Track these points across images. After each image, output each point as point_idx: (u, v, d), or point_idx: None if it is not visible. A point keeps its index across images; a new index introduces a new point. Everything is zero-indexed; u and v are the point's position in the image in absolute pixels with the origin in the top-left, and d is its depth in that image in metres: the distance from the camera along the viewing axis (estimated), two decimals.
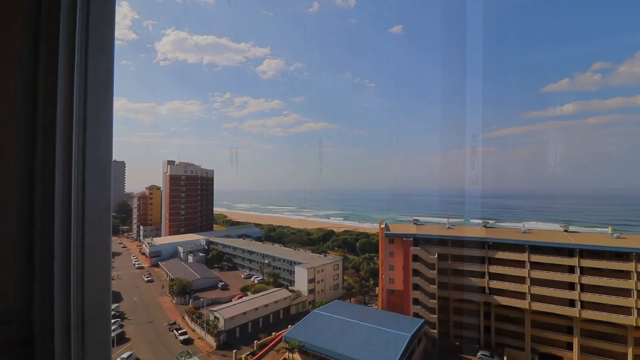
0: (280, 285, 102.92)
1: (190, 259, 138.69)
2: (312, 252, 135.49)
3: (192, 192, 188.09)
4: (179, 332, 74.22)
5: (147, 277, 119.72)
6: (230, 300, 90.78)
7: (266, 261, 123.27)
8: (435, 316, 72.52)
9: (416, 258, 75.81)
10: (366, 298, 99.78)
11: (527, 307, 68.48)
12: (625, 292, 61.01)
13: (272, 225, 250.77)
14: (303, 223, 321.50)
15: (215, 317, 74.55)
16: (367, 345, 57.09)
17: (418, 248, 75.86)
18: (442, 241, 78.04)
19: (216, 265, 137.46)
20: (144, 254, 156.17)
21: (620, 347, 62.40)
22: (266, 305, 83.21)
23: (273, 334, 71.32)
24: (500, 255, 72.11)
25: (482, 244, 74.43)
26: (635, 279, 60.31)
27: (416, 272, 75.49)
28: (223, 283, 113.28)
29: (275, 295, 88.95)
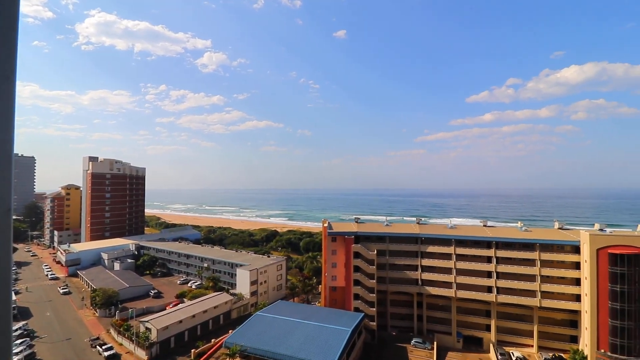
0: (221, 289, 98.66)
1: (117, 266, 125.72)
2: (255, 253, 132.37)
3: (119, 192, 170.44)
4: (104, 347, 66.69)
5: (63, 288, 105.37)
6: (164, 309, 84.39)
7: (205, 265, 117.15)
8: (374, 309, 76.05)
9: (357, 255, 78.66)
10: (309, 296, 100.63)
11: (454, 295, 75.52)
12: (531, 278, 70.78)
13: (212, 226, 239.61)
14: (245, 224, 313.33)
15: (147, 328, 68.59)
16: (309, 343, 57.53)
17: (359, 245, 78.78)
18: (380, 238, 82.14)
19: (148, 272, 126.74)
20: (59, 262, 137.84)
21: (528, 326, 72.33)
22: (205, 311, 79.05)
23: (212, 340, 68.01)
24: (431, 249, 78.36)
25: (416, 239, 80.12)
26: (539, 265, 70.27)
27: (357, 269, 78.31)
28: (156, 291, 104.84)
29: (215, 300, 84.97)
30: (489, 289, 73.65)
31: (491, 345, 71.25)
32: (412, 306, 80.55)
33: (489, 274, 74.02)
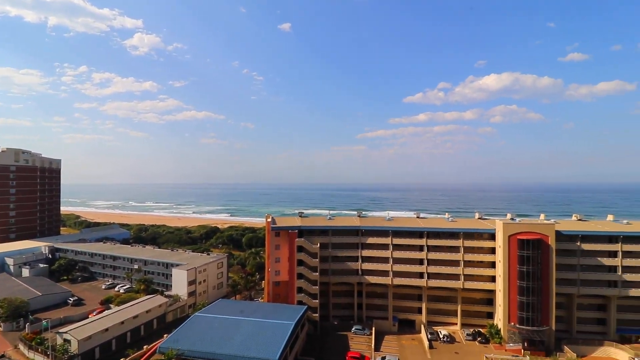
0: (154, 292, 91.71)
1: (26, 272, 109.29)
2: (193, 251, 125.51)
3: (27, 187, 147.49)
4: None
5: None
6: (87, 317, 75.77)
7: (135, 266, 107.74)
8: (317, 301, 77.67)
9: (301, 249, 79.30)
10: (252, 293, 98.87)
11: (390, 283, 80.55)
12: (456, 263, 78.58)
13: (144, 224, 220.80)
14: (182, 220, 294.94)
15: (65, 340, 60.95)
16: (252, 340, 56.62)
17: (302, 239, 79.44)
18: (324, 231, 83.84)
19: (66, 278, 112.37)
20: None
21: (453, 306, 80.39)
22: (135, 317, 72.82)
23: (145, 347, 62.99)
24: (370, 240, 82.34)
25: (356, 231, 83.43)
26: (462, 252, 78.27)
27: (300, 262, 78.99)
28: (76, 298, 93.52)
29: (147, 304, 78.72)
30: (420, 275, 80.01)
31: (422, 326, 77.72)
32: (352, 295, 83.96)
33: (420, 261, 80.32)
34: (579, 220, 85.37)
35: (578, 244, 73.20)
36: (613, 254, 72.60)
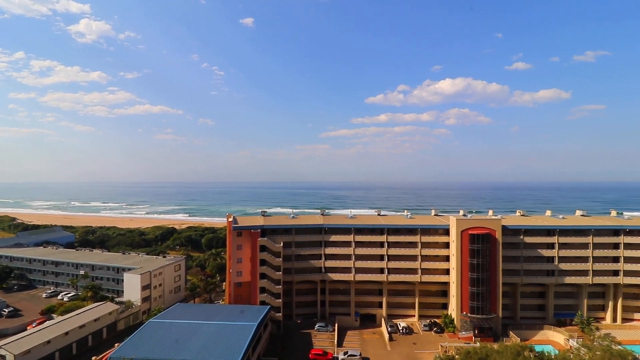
0: (103, 299, 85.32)
1: None
2: (147, 254, 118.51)
3: None
4: None
5: None
6: (25, 329, 68.64)
7: (82, 272, 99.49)
8: (280, 300, 77.12)
9: (263, 248, 78.15)
10: (212, 295, 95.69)
11: (352, 279, 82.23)
12: (414, 258, 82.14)
13: (91, 226, 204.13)
14: (135, 222, 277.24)
15: (0, 356, 54.68)
16: (212, 344, 54.77)
17: (265, 239, 78.34)
18: (287, 230, 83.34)
19: None
20: None
21: (411, 299, 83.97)
22: (82, 326, 67.26)
23: (93, 358, 58.40)
24: (334, 238, 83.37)
25: (320, 229, 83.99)
26: (420, 247, 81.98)
27: (263, 262, 77.87)
28: (11, 308, 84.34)
29: (95, 312, 73.05)
30: (381, 271, 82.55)
31: (382, 319, 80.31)
32: (316, 293, 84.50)
33: (381, 257, 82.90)
34: (522, 215, 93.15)
35: (521, 237, 79.89)
36: (551, 246, 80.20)
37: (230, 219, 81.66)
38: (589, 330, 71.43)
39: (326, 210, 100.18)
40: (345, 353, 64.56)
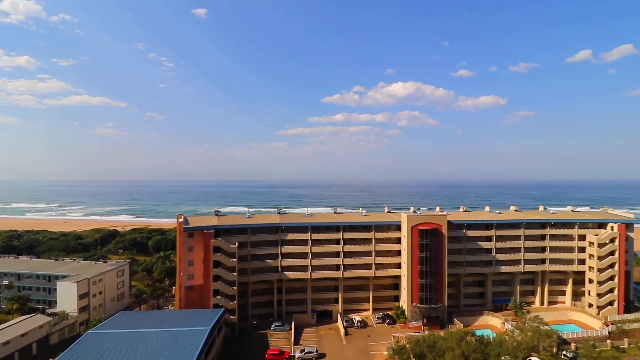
0: (33, 311, 76.23)
1: None
2: (85, 260, 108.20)
3: None
4: None
5: None
6: None
7: (5, 282, 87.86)
8: (235, 302, 75.00)
9: (217, 249, 75.33)
10: (161, 301, 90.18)
11: (309, 277, 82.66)
12: (369, 253, 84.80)
13: (16, 230, 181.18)
14: (70, 224, 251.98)
15: None
16: (161, 353, 51.57)
17: (219, 239, 75.55)
18: (242, 230, 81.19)
19: None
20: None
21: (366, 293, 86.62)
22: (7, 343, 59.51)
23: None
24: (290, 236, 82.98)
25: (276, 228, 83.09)
26: (374, 243, 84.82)
27: (217, 263, 75.09)
28: None
29: (22, 326, 65.01)
30: (337, 267, 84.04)
31: (338, 315, 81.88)
32: (272, 293, 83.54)
33: (337, 254, 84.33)
34: (465, 211, 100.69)
35: (464, 231, 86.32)
36: (489, 239, 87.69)
37: (181, 220, 77.51)
38: (522, 314, 79.45)
39: (283, 209, 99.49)
40: (302, 351, 64.75)
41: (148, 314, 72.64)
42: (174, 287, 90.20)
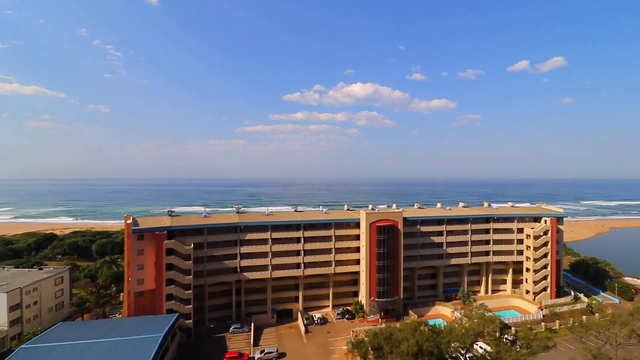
0: None
1: None
2: (16, 267, 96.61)
3: None
4: None
5: None
6: None
7: None
8: (191, 306, 71.71)
9: (171, 251, 71.38)
10: (107, 309, 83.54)
11: (269, 277, 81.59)
12: (329, 251, 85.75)
13: None
14: None
15: None
16: None
17: (173, 241, 71.65)
18: (198, 230, 77.81)
19: None
20: None
21: (326, 290, 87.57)
22: None
23: None
24: (249, 236, 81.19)
25: (235, 228, 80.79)
26: (334, 240, 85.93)
27: (170, 266, 71.20)
28: None
29: None
30: (298, 266, 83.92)
31: (299, 313, 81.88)
32: (230, 295, 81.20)
33: (298, 253, 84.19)
34: (419, 208, 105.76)
35: (418, 227, 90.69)
36: (440, 233, 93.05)
37: (130, 221, 72.29)
38: (469, 302, 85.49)
39: (242, 208, 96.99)
40: (261, 351, 63.78)
41: (92, 324, 66.86)
42: (121, 294, 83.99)
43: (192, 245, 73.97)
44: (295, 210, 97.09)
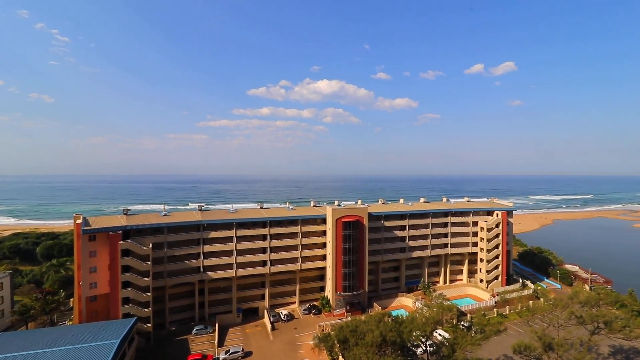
0: None
1: None
2: None
3: None
4: None
5: None
6: None
7: None
8: (150, 310, 68.23)
9: (127, 252, 67.26)
10: (55, 316, 77.04)
11: (234, 275, 79.82)
12: (295, 247, 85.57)
13: None
14: None
15: None
16: None
17: (129, 241, 67.52)
18: (157, 229, 74.04)
19: None
20: None
21: (292, 287, 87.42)
22: None
23: None
24: (213, 234, 78.72)
25: (197, 226, 77.89)
26: (300, 237, 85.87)
27: (127, 268, 67.15)
28: None
29: None
30: (264, 263, 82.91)
31: (265, 311, 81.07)
32: (193, 295, 78.42)
33: (264, 250, 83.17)
34: (383, 203, 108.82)
35: (382, 222, 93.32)
36: (403, 228, 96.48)
37: (79, 221, 67.07)
38: (429, 293, 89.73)
39: (205, 206, 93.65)
40: (226, 352, 62.39)
41: (38, 333, 61.25)
42: (71, 299, 77.90)
43: (151, 245, 70.27)
44: (261, 207, 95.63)
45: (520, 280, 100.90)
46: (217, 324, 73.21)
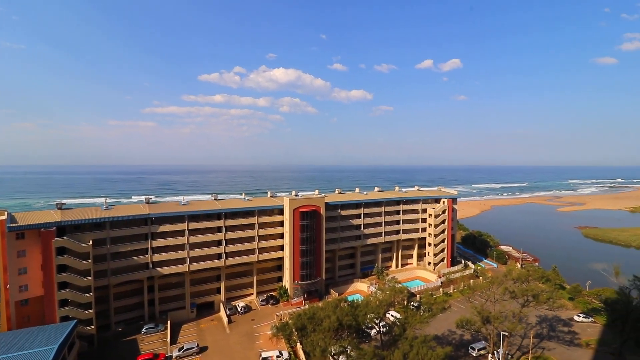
0: None
1: None
2: None
3: None
4: None
5: None
6: None
7: None
8: (92, 311, 63.13)
9: (63, 250, 61.14)
10: None
11: (187, 270, 76.66)
12: (252, 239, 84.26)
13: None
14: None
15: None
16: None
17: (65, 238, 61.32)
18: (98, 224, 68.13)
19: None
20: None
21: (249, 278, 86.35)
22: None
23: None
24: (163, 228, 74.47)
25: (145, 220, 73.07)
26: (257, 228, 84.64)
27: (64, 268, 61.14)
28: None
29: None
30: (219, 256, 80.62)
31: (221, 304, 79.27)
32: (142, 293, 74.04)
33: (219, 243, 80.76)
34: (340, 193, 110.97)
35: (339, 211, 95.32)
36: (358, 216, 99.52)
37: (4, 217, 59.37)
38: (382, 277, 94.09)
39: (153, 198, 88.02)
40: (180, 349, 60.21)
41: None
42: None
43: (91, 242, 64.58)
44: (216, 199, 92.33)
45: (463, 262, 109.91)
46: (169, 321, 70.09)
